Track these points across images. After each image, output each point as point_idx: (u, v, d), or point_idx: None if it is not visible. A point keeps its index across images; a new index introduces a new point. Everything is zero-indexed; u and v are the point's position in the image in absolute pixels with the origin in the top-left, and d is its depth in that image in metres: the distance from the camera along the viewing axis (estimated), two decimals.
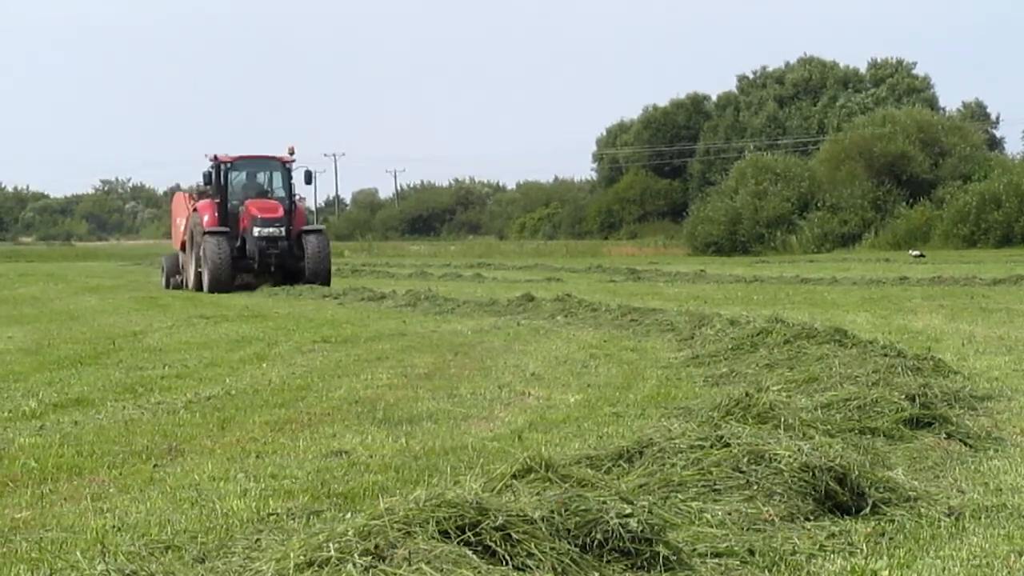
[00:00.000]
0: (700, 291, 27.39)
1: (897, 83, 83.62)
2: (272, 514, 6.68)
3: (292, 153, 33.89)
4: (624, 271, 39.27)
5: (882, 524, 6.29)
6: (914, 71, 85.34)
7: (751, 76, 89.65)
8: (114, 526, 6.57)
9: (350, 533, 5.03)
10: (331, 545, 4.94)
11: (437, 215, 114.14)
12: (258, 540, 5.90)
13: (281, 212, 32.60)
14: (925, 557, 5.78)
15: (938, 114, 74.05)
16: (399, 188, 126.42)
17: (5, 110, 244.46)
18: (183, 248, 34.40)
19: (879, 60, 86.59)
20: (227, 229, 32.45)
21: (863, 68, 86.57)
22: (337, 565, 4.83)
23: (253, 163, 34.29)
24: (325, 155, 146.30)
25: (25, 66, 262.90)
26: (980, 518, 6.40)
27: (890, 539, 6.07)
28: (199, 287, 32.16)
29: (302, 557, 4.92)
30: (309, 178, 34.93)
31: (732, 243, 64.80)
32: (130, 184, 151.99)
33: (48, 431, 9.58)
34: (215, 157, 33.56)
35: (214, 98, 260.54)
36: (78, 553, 5.75)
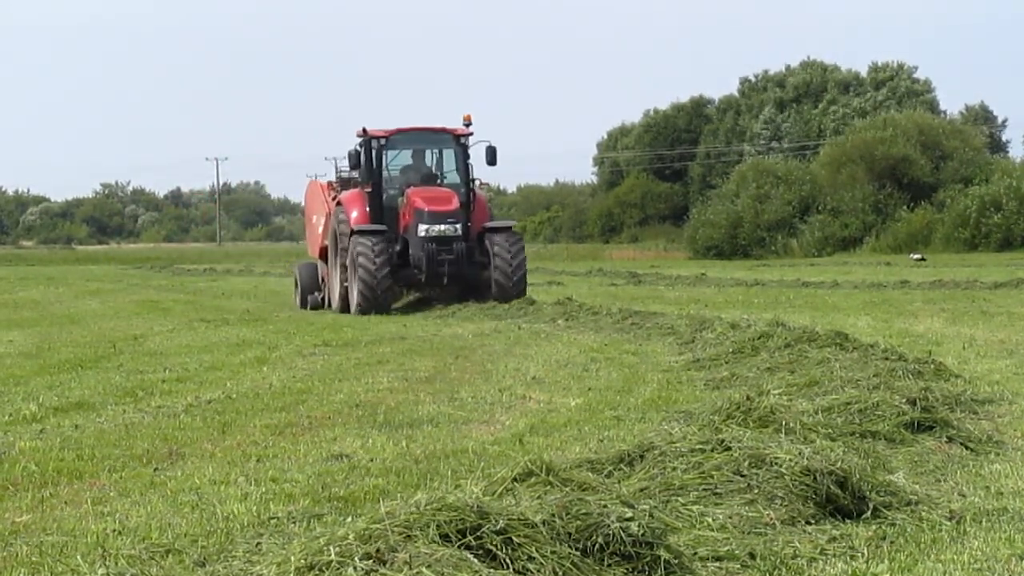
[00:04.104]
0: (701, 295, 27.38)
1: (897, 86, 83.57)
2: (273, 518, 6.67)
3: (468, 124, 25.23)
4: (625, 275, 39.25)
5: (883, 528, 6.29)
6: (915, 75, 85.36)
7: (753, 79, 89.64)
8: (115, 530, 6.56)
9: (351, 537, 5.03)
10: (332, 549, 4.94)
11: None
12: (259, 544, 5.90)
13: (456, 204, 24.16)
14: (926, 561, 5.78)
15: (939, 117, 73.96)
16: None
17: (5, 113, 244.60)
18: (323, 256, 25.91)
19: (879, 64, 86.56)
20: (383, 227, 24.14)
21: (864, 72, 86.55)
22: (338, 569, 4.83)
23: (416, 138, 25.65)
24: (326, 158, 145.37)
25: (25, 68, 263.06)
26: (981, 522, 6.40)
27: (891, 543, 6.07)
28: (346, 307, 24.00)
29: (303, 561, 4.93)
30: (493, 157, 25.33)
31: (733, 247, 64.78)
32: (130, 187, 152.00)
33: (48, 435, 9.57)
34: (364, 131, 25.01)
35: (214, 100, 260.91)
36: (78, 557, 5.75)
